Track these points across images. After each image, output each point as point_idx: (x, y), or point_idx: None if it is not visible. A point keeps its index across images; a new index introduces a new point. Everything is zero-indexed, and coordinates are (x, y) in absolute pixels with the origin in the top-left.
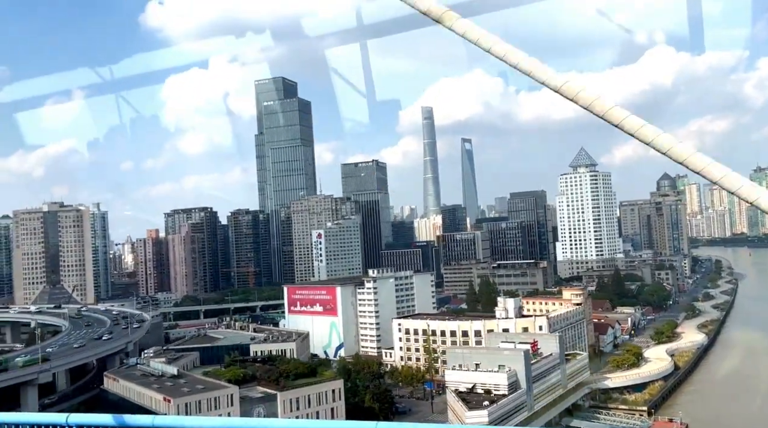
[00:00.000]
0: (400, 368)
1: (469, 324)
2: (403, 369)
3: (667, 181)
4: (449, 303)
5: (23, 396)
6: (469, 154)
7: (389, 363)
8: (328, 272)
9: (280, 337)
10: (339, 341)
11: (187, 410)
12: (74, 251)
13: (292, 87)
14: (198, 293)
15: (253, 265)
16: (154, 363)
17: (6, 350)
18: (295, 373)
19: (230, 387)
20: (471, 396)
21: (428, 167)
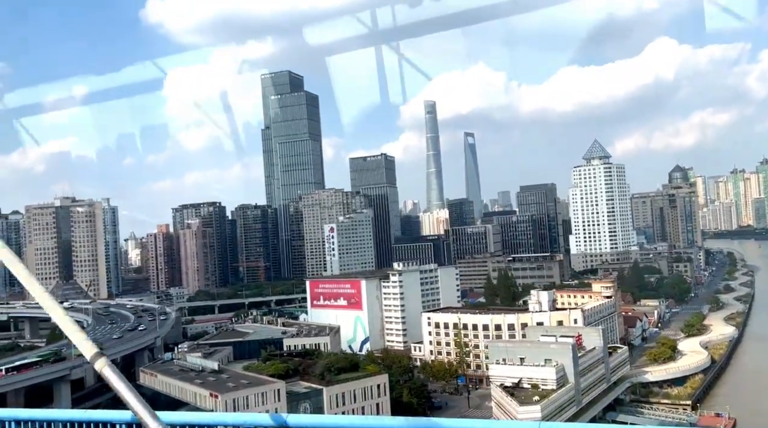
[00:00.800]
0: (430, 362)
1: (502, 318)
2: (436, 364)
3: (680, 173)
4: (467, 297)
5: (56, 392)
6: (471, 148)
7: (418, 358)
8: (341, 267)
9: (312, 331)
10: (364, 335)
11: (234, 406)
12: (87, 247)
13: (298, 81)
14: (210, 288)
15: (262, 260)
16: (192, 358)
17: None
18: (338, 367)
19: (277, 382)
20: (518, 391)
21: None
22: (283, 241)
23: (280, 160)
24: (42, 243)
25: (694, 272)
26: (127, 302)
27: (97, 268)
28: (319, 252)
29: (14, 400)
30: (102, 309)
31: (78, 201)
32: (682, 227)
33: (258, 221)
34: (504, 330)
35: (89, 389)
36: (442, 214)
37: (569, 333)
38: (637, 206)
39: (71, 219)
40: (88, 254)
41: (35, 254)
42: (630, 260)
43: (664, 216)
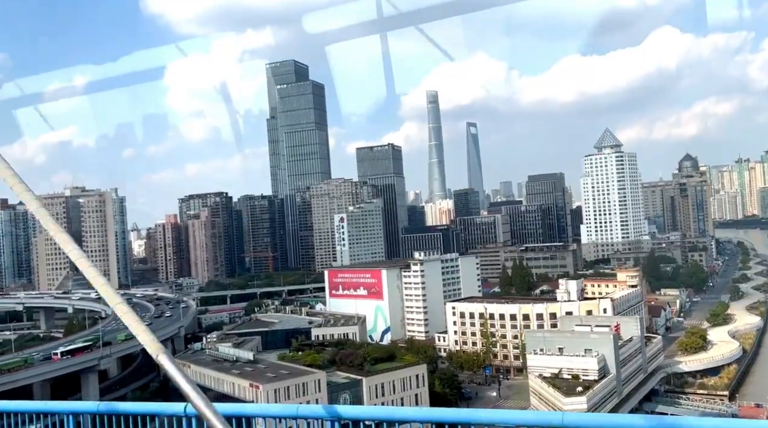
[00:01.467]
0: (455, 352)
1: (531, 307)
2: (465, 354)
3: (690, 162)
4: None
5: (84, 383)
6: (474, 138)
7: (443, 348)
8: (351, 257)
9: (339, 321)
10: (385, 325)
11: (276, 397)
12: (97, 237)
13: (303, 70)
14: (219, 278)
15: (270, 250)
16: (224, 348)
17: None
18: (374, 357)
19: (317, 373)
20: (560, 382)
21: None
22: (289, 231)
23: (287, 150)
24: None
25: (709, 261)
26: (142, 292)
27: (108, 258)
28: (327, 242)
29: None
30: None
31: (87, 191)
32: (693, 217)
33: (265, 211)
34: (532, 319)
35: (112, 379)
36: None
37: (605, 322)
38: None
39: (81, 209)
40: (98, 245)
41: (45, 244)
42: (642, 250)
43: (675, 205)
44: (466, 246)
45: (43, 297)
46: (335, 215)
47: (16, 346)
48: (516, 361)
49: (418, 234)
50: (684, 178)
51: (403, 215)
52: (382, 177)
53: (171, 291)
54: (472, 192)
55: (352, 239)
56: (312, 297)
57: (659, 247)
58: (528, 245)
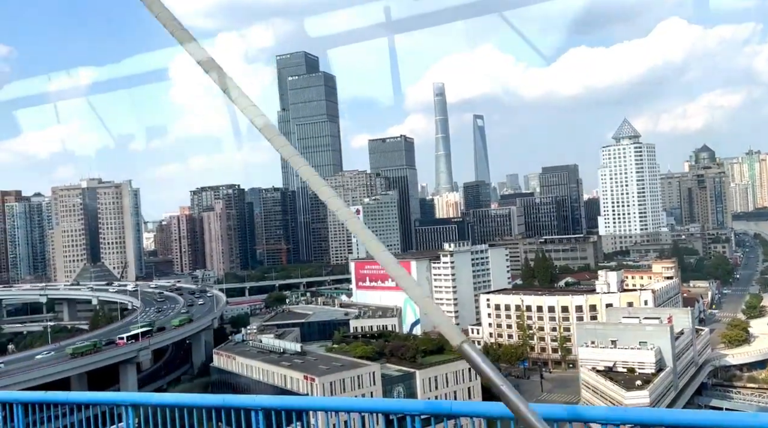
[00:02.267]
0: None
1: (570, 299)
2: (503, 347)
3: (706, 153)
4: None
5: (122, 374)
6: (481, 130)
7: (476, 340)
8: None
9: (376, 313)
10: (414, 317)
11: (331, 389)
12: (114, 228)
13: (314, 61)
14: (234, 270)
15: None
16: (269, 340)
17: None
18: (422, 350)
19: (371, 365)
20: (615, 376)
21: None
22: (301, 224)
23: (298, 142)
24: (69, 225)
25: (731, 253)
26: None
27: (125, 250)
28: (342, 235)
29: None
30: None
31: (104, 183)
32: (711, 208)
33: (277, 203)
34: (571, 311)
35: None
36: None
37: (653, 314)
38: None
39: (98, 201)
40: (115, 236)
41: (62, 236)
42: (660, 241)
43: (692, 197)
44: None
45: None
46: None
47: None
48: (554, 354)
49: (431, 226)
50: (702, 169)
51: (415, 207)
52: (394, 169)
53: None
54: (482, 184)
55: None
56: (334, 289)
57: (679, 239)
58: (547, 237)
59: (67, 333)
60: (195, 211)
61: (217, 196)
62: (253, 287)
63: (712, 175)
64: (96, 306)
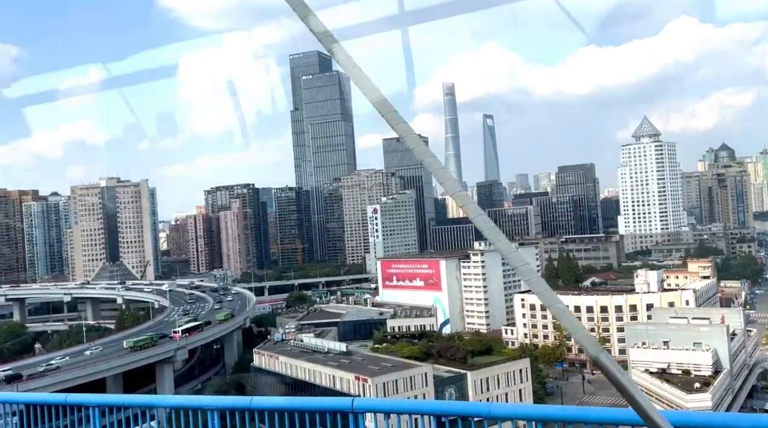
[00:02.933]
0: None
1: (609, 299)
2: (541, 348)
3: (726, 151)
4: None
5: (159, 374)
6: (491, 130)
7: (510, 341)
8: (385, 249)
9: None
10: (444, 317)
11: (384, 390)
12: (133, 227)
13: (327, 61)
14: (251, 270)
15: (298, 241)
16: (310, 339)
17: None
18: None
19: (422, 365)
20: (671, 378)
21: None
22: (315, 223)
23: (312, 142)
24: (88, 224)
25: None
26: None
27: (143, 249)
28: (358, 234)
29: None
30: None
31: (122, 182)
32: (732, 208)
33: (292, 202)
34: (611, 312)
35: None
36: None
37: (701, 314)
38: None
39: (117, 200)
40: (134, 235)
41: (81, 235)
42: (681, 241)
43: (712, 196)
44: None
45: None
46: (368, 206)
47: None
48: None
49: (447, 226)
50: (723, 168)
51: (430, 207)
52: (410, 168)
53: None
54: (495, 184)
55: (385, 230)
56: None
57: (701, 238)
58: (567, 236)
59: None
60: (209, 210)
61: (232, 195)
62: (272, 287)
63: (733, 174)
64: (122, 306)
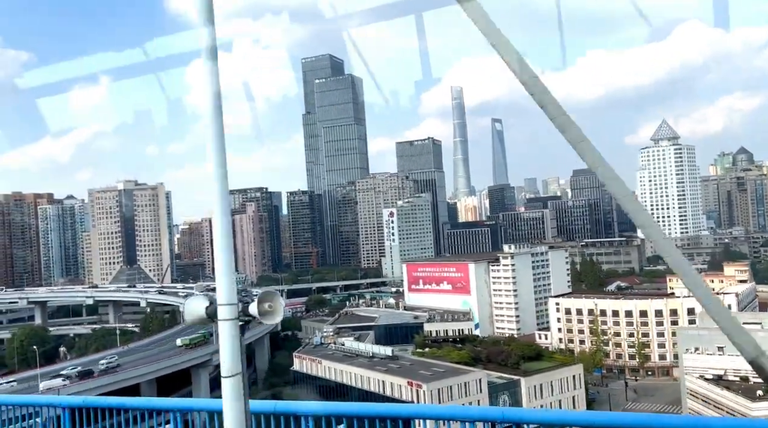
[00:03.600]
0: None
1: (648, 304)
2: (581, 353)
3: (744, 155)
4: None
5: (194, 377)
6: (499, 135)
7: (546, 346)
8: (401, 252)
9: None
10: (474, 321)
11: (439, 396)
12: (150, 231)
13: (339, 64)
14: (267, 273)
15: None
16: (353, 343)
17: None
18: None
19: (476, 371)
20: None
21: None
22: (328, 227)
23: (325, 145)
24: (106, 227)
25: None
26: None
27: (161, 253)
28: (373, 238)
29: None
30: None
31: (140, 185)
32: (752, 211)
33: (306, 206)
34: (650, 316)
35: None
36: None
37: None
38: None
39: (135, 202)
40: (152, 239)
41: (99, 238)
42: (701, 245)
43: (731, 200)
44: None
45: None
46: (384, 209)
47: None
48: (631, 361)
49: (462, 229)
50: (742, 171)
51: (443, 211)
52: (423, 172)
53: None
54: (507, 187)
55: (402, 234)
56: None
57: (722, 243)
58: (588, 240)
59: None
60: None
61: (246, 198)
62: (290, 290)
63: (753, 177)
64: (146, 309)
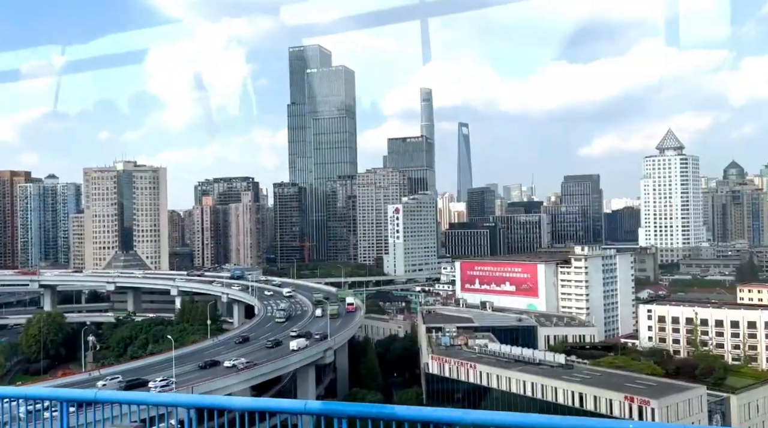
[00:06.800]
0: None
1: (758, 314)
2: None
3: (735, 169)
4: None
5: (301, 376)
6: (465, 139)
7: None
8: (405, 250)
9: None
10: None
11: (667, 415)
12: (149, 215)
13: (327, 56)
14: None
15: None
16: (503, 347)
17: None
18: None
19: (697, 388)
20: None
21: None
22: (315, 221)
23: (314, 137)
24: (101, 210)
25: None
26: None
27: (159, 239)
28: (371, 235)
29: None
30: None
31: (140, 166)
32: (747, 225)
33: (294, 199)
34: (760, 328)
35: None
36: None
37: None
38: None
39: (134, 185)
40: (150, 224)
41: (93, 220)
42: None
43: (726, 213)
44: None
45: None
46: (389, 205)
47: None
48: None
49: (462, 230)
50: (738, 185)
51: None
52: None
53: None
54: (488, 191)
55: (406, 231)
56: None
57: (724, 255)
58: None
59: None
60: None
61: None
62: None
63: (749, 191)
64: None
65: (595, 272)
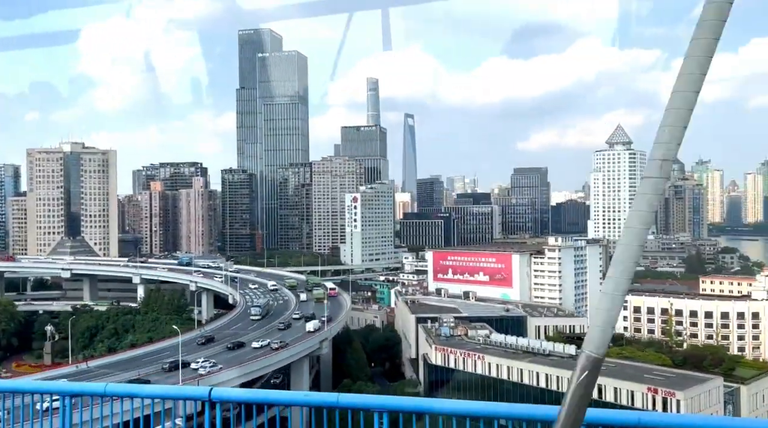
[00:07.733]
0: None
1: (731, 305)
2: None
3: (677, 165)
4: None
5: (295, 368)
6: (411, 130)
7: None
8: (363, 240)
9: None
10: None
11: (689, 407)
12: (97, 199)
13: (277, 40)
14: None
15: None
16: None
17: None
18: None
19: (715, 378)
20: None
21: None
22: (266, 208)
23: (265, 123)
24: (46, 193)
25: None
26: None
27: (108, 225)
28: (326, 223)
29: None
30: None
31: (89, 148)
32: (688, 219)
33: (244, 185)
34: (732, 318)
35: None
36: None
37: None
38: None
39: (81, 168)
40: (99, 209)
41: (36, 204)
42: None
43: (668, 207)
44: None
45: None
46: (346, 194)
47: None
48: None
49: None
50: (680, 181)
51: None
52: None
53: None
54: (437, 181)
55: (364, 220)
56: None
57: (668, 248)
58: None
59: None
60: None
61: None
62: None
63: (691, 186)
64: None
65: (567, 264)
